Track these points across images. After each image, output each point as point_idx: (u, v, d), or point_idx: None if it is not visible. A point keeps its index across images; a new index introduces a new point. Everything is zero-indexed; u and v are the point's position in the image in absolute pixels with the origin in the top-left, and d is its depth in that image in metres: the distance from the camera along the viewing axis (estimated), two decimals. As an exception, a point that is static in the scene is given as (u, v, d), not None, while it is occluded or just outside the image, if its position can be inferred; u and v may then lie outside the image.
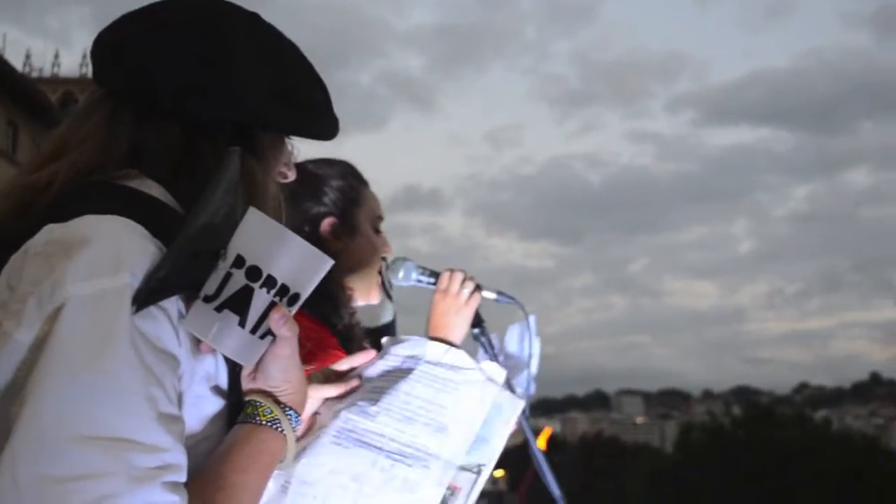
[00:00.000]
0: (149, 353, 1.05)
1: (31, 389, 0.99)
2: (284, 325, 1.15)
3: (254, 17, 1.34)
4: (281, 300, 1.14)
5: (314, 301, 1.84)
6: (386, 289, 2.35)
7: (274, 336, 1.16)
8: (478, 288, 2.22)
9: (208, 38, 1.26)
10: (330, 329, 2.10)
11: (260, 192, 1.24)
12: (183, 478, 1.05)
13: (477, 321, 2.24)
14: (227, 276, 1.12)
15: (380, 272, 2.32)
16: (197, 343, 1.15)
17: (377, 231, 2.33)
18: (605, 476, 59.33)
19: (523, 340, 2.46)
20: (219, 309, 1.12)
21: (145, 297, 1.06)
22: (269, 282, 1.13)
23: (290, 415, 1.21)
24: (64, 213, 1.11)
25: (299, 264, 1.13)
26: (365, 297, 2.30)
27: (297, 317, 1.45)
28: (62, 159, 1.22)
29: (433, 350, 1.67)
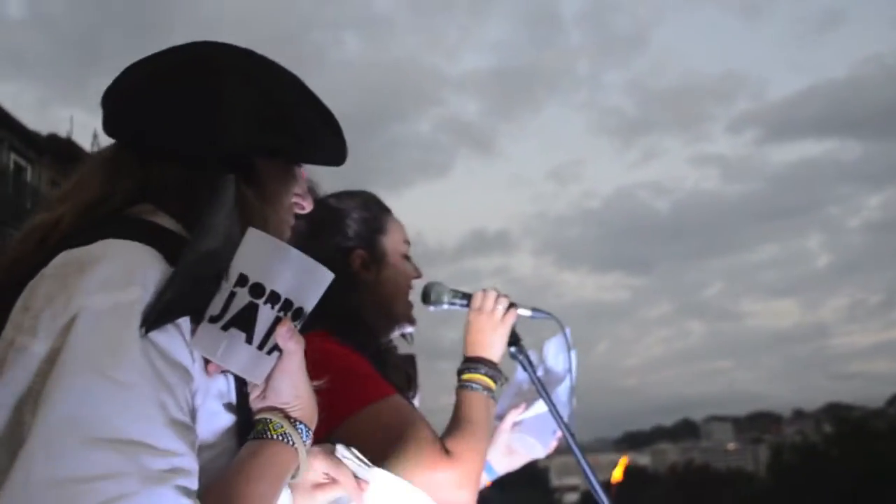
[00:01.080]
0: (161, 362, 1.07)
1: (45, 396, 1.01)
2: (291, 339, 1.17)
3: (247, 54, 1.39)
4: (286, 314, 1.16)
5: (349, 329, 2.07)
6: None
7: (280, 351, 1.18)
8: (512, 305, 2.22)
9: (196, 77, 1.31)
10: (365, 356, 2.07)
11: (258, 218, 1.26)
12: (195, 484, 1.06)
13: (514, 339, 2.25)
14: (231, 295, 1.14)
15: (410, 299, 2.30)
16: (207, 364, 1.17)
17: (406, 257, 2.31)
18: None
19: (559, 354, 2.47)
20: (225, 328, 1.13)
21: (155, 317, 1.08)
22: (273, 297, 1.14)
23: (300, 429, 1.22)
24: (79, 242, 1.16)
25: (301, 278, 1.16)
26: (400, 325, 2.29)
27: (332, 345, 1.65)
28: (70, 199, 1.28)
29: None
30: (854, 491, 42.51)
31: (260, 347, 1.15)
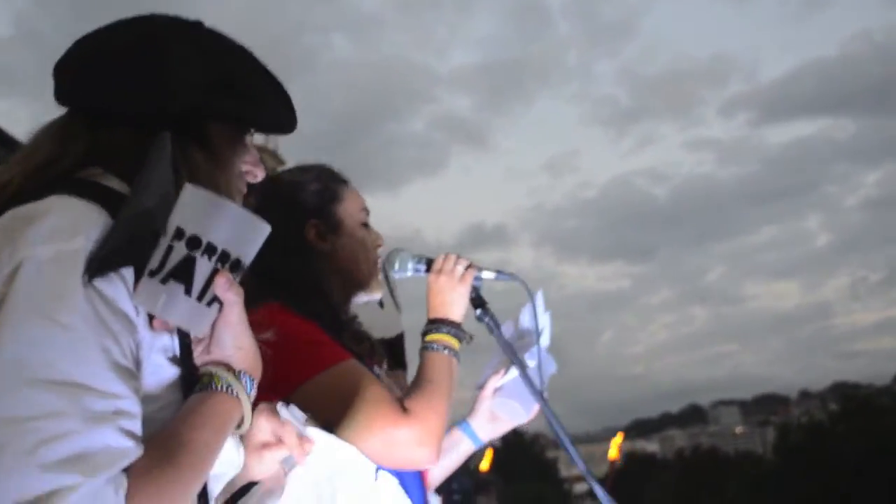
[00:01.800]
0: (104, 309, 1.10)
1: None
2: (230, 290, 1.19)
3: (194, 24, 1.42)
4: (223, 266, 1.18)
5: (303, 299, 2.09)
6: (390, 286, 2.34)
7: (220, 304, 1.20)
8: (472, 266, 2.24)
9: (143, 45, 1.35)
10: (321, 325, 2.08)
11: (207, 181, 1.27)
12: (138, 428, 1.10)
13: (479, 302, 2.27)
14: (169, 249, 1.16)
15: (378, 266, 2.31)
16: (154, 320, 1.19)
17: (365, 225, 2.32)
18: (709, 490, 58.28)
19: (532, 318, 2.46)
20: (164, 281, 1.15)
21: (97, 265, 1.10)
22: (210, 249, 1.15)
23: (244, 380, 1.25)
24: (26, 200, 1.19)
25: (238, 231, 1.17)
26: (366, 292, 2.29)
27: (285, 316, 1.65)
28: (20, 163, 1.31)
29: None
30: (860, 466, 42.50)
31: (199, 299, 1.17)
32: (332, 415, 1.88)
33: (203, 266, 1.16)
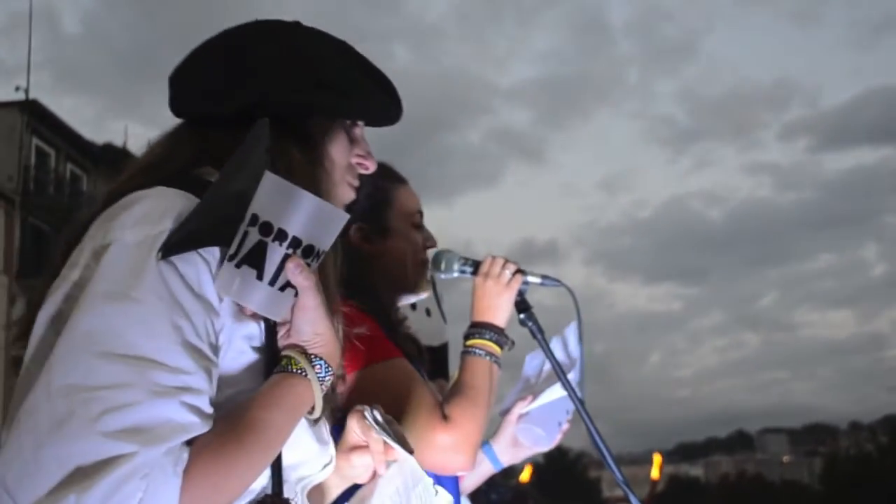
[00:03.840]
0: (180, 287, 1.14)
1: (71, 317, 1.11)
2: (300, 275, 1.20)
3: (292, 25, 1.47)
4: (295, 252, 1.20)
5: (358, 296, 1.93)
6: (435, 288, 2.38)
7: (295, 289, 1.22)
8: (520, 271, 2.22)
9: (231, 49, 1.41)
10: (377, 321, 2.08)
11: (303, 177, 1.30)
12: (205, 404, 1.12)
13: (524, 307, 2.23)
14: (245, 234, 1.18)
15: (426, 267, 2.31)
16: (241, 308, 1.22)
17: (417, 227, 2.30)
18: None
19: (570, 342, 2.44)
20: (238, 265, 1.17)
21: (174, 243, 1.14)
22: (281, 235, 1.18)
23: (317, 364, 1.25)
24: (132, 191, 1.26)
25: (311, 219, 1.19)
26: (411, 293, 2.31)
27: (346, 306, 1.56)
28: (135, 165, 1.39)
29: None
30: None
31: (271, 284, 1.19)
32: None
33: (274, 252, 1.18)
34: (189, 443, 1.10)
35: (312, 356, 1.26)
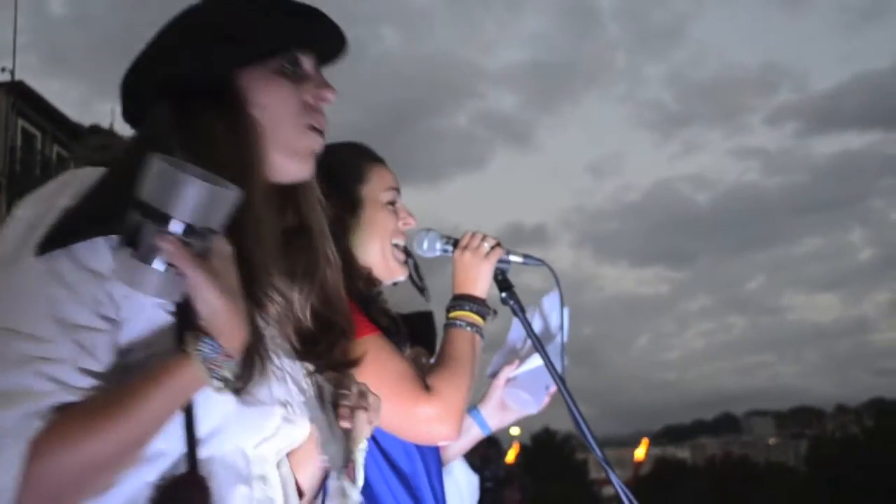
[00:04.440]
0: (65, 261, 1.16)
1: None
2: (180, 257, 1.14)
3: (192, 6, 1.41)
4: (176, 234, 1.15)
5: None
6: (416, 271, 2.34)
7: (177, 269, 1.17)
8: (499, 245, 2.24)
9: (154, 38, 1.39)
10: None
11: (223, 143, 1.32)
12: (66, 373, 1.12)
13: (506, 285, 2.25)
14: (132, 221, 1.16)
15: (402, 248, 2.28)
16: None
17: (391, 204, 2.28)
18: (738, 499, 57.88)
19: (552, 311, 2.46)
20: (127, 252, 1.16)
21: (57, 235, 1.17)
22: (163, 219, 1.15)
23: (205, 343, 1.19)
24: None
25: (198, 200, 1.16)
26: (386, 273, 2.26)
27: None
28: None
29: None
30: (893, 484, 42.05)
31: (158, 267, 1.17)
32: None
33: (150, 232, 1.15)
34: (58, 410, 1.11)
35: (202, 335, 1.20)
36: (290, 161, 1.43)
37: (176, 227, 1.16)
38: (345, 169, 2.24)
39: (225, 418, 1.27)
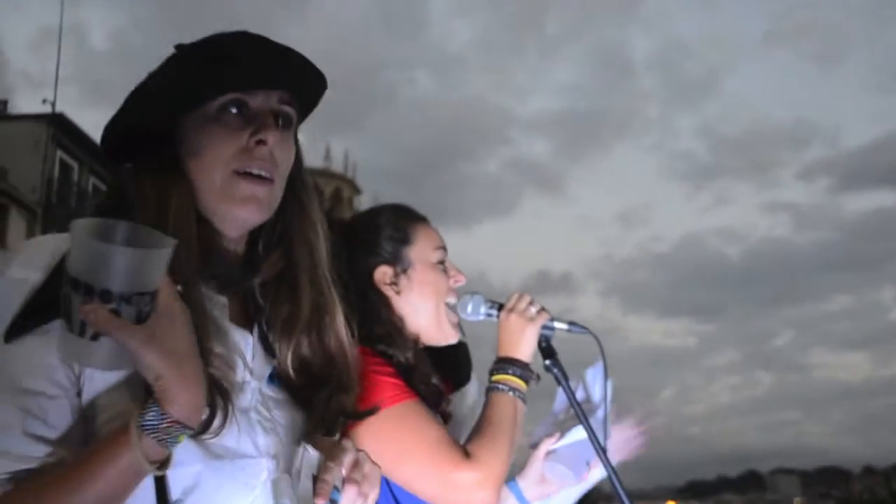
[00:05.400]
0: (16, 353, 1.19)
1: None
2: (105, 324, 1.09)
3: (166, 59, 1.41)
4: (92, 297, 1.10)
5: (374, 338, 2.06)
6: (463, 332, 2.30)
7: (104, 336, 1.11)
8: (544, 310, 2.21)
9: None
10: (391, 364, 2.07)
11: (154, 209, 1.30)
12: (14, 442, 1.14)
13: (549, 352, 2.21)
14: (69, 301, 1.12)
15: (454, 308, 2.27)
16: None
17: (440, 263, 2.27)
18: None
19: (595, 383, 2.43)
20: (70, 331, 1.12)
21: (21, 323, 1.20)
22: (77, 285, 1.10)
23: (150, 411, 1.14)
24: None
25: (129, 268, 1.10)
26: (439, 336, 2.25)
27: (360, 351, 1.61)
28: None
29: None
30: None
31: (81, 335, 1.12)
32: (392, 453, 1.89)
33: (76, 302, 1.11)
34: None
35: (149, 402, 1.15)
36: (229, 208, 1.38)
37: (101, 296, 1.10)
38: (393, 232, 2.24)
39: (197, 476, 1.24)
